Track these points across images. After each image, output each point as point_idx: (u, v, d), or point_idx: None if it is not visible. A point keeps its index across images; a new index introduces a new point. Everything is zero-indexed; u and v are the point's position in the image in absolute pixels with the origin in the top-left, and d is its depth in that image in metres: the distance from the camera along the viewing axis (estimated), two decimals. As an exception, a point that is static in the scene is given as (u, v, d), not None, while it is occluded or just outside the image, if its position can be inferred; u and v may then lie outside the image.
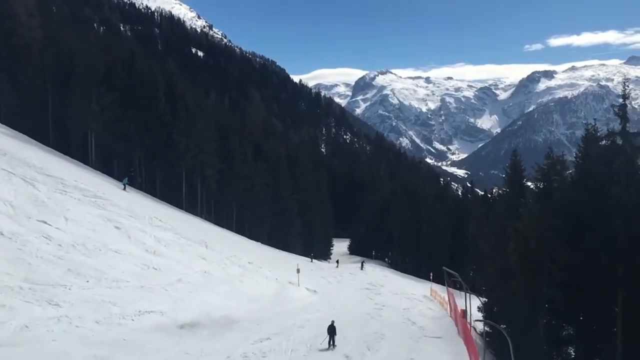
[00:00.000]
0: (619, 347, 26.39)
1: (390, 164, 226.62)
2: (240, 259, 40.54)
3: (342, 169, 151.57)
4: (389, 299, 43.17)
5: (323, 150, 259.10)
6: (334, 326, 24.87)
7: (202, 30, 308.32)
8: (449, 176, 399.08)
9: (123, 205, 37.62)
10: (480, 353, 33.30)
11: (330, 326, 24.86)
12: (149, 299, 25.62)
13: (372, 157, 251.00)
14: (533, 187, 30.10)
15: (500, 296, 31.46)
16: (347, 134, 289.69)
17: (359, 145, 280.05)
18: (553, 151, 29.62)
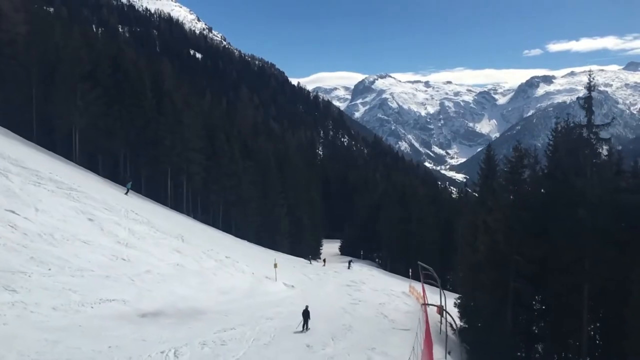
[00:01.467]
0: (585, 338, 26.37)
1: (387, 167, 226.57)
2: (217, 253, 40.50)
3: (336, 171, 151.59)
4: (368, 295, 43.14)
5: (320, 152, 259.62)
6: (307, 310, 26.48)
7: (201, 32, 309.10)
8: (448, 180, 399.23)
9: (99, 198, 37.58)
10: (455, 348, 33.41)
11: (305, 311, 26.44)
12: (112, 288, 25.54)
13: (369, 160, 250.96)
14: (502, 180, 30.08)
15: (470, 289, 31.42)
16: (344, 137, 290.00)
17: (356, 148, 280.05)
18: (521, 144, 29.56)
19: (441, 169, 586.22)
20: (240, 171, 66.93)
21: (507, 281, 28.09)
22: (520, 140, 35.08)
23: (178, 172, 61.18)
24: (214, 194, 65.39)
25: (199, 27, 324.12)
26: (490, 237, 28.55)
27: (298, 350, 23.12)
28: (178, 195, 63.38)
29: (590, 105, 26.37)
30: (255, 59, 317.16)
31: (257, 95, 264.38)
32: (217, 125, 69.02)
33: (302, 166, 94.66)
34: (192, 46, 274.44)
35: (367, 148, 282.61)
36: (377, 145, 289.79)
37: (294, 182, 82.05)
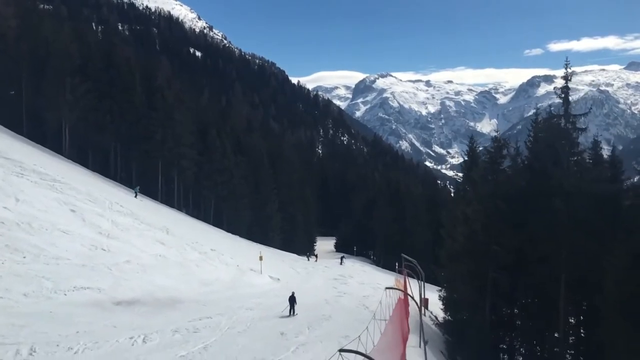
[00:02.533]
0: (563, 328, 26.33)
1: (387, 167, 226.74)
2: (202, 245, 40.49)
3: (334, 170, 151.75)
4: (353, 288, 43.13)
5: (320, 151, 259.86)
6: (294, 297, 27.51)
7: (202, 31, 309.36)
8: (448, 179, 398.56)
9: (83, 190, 37.61)
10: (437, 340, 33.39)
11: (291, 297, 27.45)
12: (88, 277, 25.52)
13: (369, 159, 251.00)
14: (481, 171, 30.03)
15: (451, 281, 31.42)
16: (344, 136, 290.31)
17: (356, 147, 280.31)
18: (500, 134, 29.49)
19: (442, 169, 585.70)
20: (232, 167, 66.96)
21: (485, 272, 28.03)
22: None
23: (169, 167, 61.22)
24: (206, 189, 65.45)
25: (199, 25, 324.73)
26: (469, 227, 28.50)
27: (271, 338, 23.09)
28: (170, 191, 63.42)
29: (567, 95, 26.33)
30: (256, 58, 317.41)
31: (257, 95, 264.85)
32: (209, 121, 69.03)
33: (297, 163, 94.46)
34: (192, 44, 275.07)
35: (367, 147, 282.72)
36: (377, 144, 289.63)
37: (287, 179, 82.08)
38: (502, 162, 28.84)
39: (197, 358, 18.59)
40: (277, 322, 26.35)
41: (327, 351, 20.78)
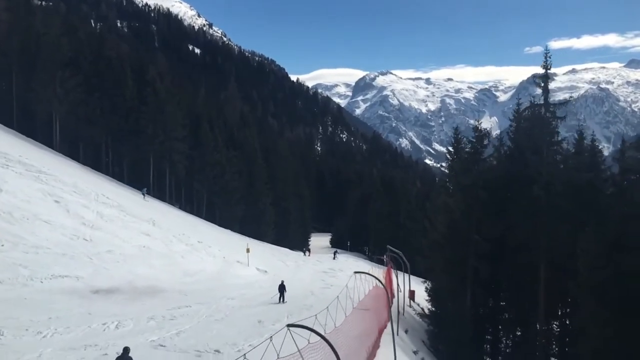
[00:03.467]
0: (542, 314, 26.33)
1: (386, 164, 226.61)
2: (189, 237, 40.50)
3: (332, 166, 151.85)
4: (342, 280, 42.80)
5: (318, 148, 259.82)
6: (283, 285, 28.44)
7: (201, 28, 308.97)
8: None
9: (69, 182, 37.66)
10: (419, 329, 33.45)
11: (281, 285, 28.35)
12: (66, 265, 25.56)
13: (368, 157, 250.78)
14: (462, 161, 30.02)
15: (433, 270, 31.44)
16: (343, 133, 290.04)
17: (355, 144, 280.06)
18: (481, 124, 29.48)
19: (442, 166, 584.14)
20: (224, 161, 66.87)
21: (466, 260, 28.05)
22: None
23: (160, 161, 61.16)
24: (198, 183, 65.38)
25: (199, 22, 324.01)
26: (450, 216, 28.51)
27: (247, 325, 23.08)
28: (162, 185, 63.40)
29: (547, 84, 26.29)
30: (255, 55, 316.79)
31: (256, 91, 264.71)
32: (201, 114, 68.91)
33: (291, 158, 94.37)
34: (190, 42, 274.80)
35: (366, 144, 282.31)
36: (376, 141, 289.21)
37: (281, 174, 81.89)
38: (483, 151, 28.82)
39: (167, 342, 18.59)
40: (257, 311, 26.35)
41: (300, 337, 20.88)
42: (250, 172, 72.68)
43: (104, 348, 16.84)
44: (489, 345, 30.31)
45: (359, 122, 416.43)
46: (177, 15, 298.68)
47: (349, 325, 23.31)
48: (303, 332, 12.69)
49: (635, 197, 20.79)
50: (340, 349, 18.00)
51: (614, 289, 20.16)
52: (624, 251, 20.41)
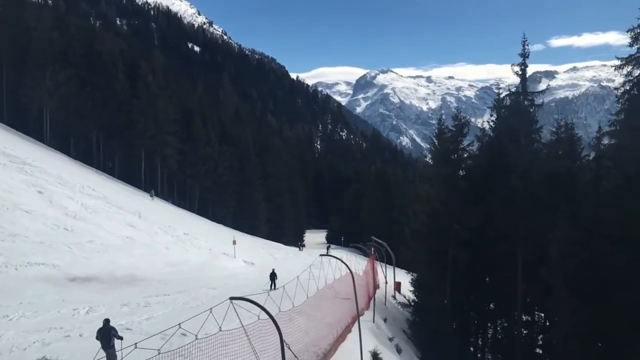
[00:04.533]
0: (520, 302, 26.30)
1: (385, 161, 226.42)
2: (175, 229, 40.47)
3: (329, 164, 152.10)
4: (328, 272, 43.00)
5: (318, 146, 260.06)
6: (274, 273, 29.38)
7: (201, 26, 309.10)
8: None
9: (54, 173, 37.62)
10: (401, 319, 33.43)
11: (272, 273, 29.24)
12: (44, 254, 25.49)
13: (368, 154, 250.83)
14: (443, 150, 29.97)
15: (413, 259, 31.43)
16: (343, 131, 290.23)
17: (355, 142, 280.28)
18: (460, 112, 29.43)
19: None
20: (216, 155, 66.90)
21: (446, 250, 28.01)
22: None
23: (152, 155, 61.17)
24: (190, 177, 65.44)
25: (199, 21, 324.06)
26: (431, 206, 28.47)
27: (222, 312, 23.03)
28: (154, 179, 63.41)
29: (525, 73, 26.23)
30: (255, 54, 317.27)
31: (255, 89, 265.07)
32: (194, 109, 68.91)
33: (285, 154, 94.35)
34: (190, 39, 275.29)
35: (366, 142, 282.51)
36: (376, 139, 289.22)
37: (275, 170, 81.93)
38: (463, 140, 28.77)
39: (134, 326, 18.56)
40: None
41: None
42: (244, 168, 72.74)
43: (68, 331, 16.82)
44: (474, 335, 30.26)
45: (359, 120, 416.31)
46: (177, 13, 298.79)
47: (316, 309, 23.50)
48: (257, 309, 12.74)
49: (608, 185, 20.72)
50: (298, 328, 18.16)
51: (585, 276, 20.12)
52: (596, 238, 20.36)
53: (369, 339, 21.41)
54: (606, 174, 21.84)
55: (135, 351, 9.19)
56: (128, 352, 9.13)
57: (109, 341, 12.14)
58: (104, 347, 12.09)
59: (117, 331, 12.57)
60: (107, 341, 12.13)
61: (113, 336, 12.22)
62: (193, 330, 10.61)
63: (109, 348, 12.11)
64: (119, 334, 12.50)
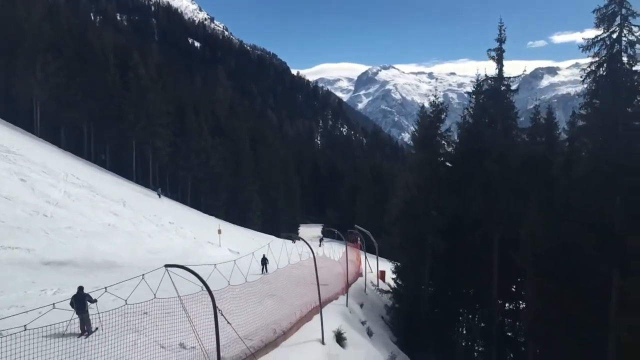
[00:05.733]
0: (495, 290, 26.28)
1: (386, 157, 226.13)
2: (160, 218, 40.48)
3: (327, 159, 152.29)
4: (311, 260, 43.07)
5: (318, 142, 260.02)
6: (265, 258, 30.16)
7: (202, 22, 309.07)
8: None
9: (38, 162, 37.64)
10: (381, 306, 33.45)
11: (263, 258, 30.05)
12: (19, 238, 25.52)
13: (368, 150, 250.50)
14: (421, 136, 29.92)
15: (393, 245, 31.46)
16: (344, 127, 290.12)
17: (355, 138, 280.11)
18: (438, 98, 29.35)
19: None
20: (209, 148, 66.91)
21: (424, 236, 27.98)
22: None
23: (143, 147, 61.21)
24: (182, 169, 65.47)
25: (200, 17, 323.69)
26: (409, 192, 28.44)
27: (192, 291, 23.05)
28: (145, 171, 63.48)
29: (501, 57, 26.13)
30: (257, 50, 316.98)
31: (255, 85, 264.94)
32: (187, 102, 68.89)
33: (281, 149, 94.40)
34: (190, 35, 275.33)
35: (367, 138, 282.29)
36: (376, 135, 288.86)
37: (269, 163, 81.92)
38: (440, 126, 28.71)
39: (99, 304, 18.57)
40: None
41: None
42: (237, 161, 72.73)
43: (28, 309, 16.81)
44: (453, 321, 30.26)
45: (360, 117, 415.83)
46: (177, 9, 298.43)
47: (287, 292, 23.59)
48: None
49: (578, 168, 20.66)
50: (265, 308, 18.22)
51: (554, 259, 20.09)
52: (566, 222, 20.31)
53: (338, 321, 21.40)
54: (577, 157, 21.77)
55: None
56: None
57: (84, 307, 12.99)
58: (78, 312, 12.94)
59: (90, 297, 13.21)
60: (82, 307, 12.96)
61: (87, 301, 13.03)
62: (125, 297, 10.69)
63: (83, 313, 13.02)
64: (92, 298, 13.11)
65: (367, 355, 19.81)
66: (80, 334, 13.13)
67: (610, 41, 19.08)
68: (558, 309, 19.89)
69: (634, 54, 18.74)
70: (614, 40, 18.99)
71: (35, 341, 9.38)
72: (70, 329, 13.05)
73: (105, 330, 12.66)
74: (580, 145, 22.08)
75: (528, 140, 27.64)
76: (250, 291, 19.42)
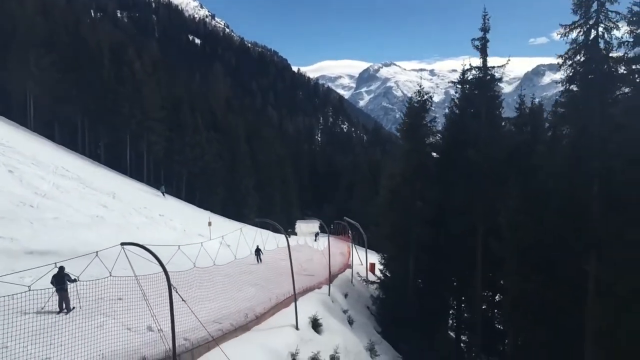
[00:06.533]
0: (479, 280, 26.25)
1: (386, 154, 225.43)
2: (150, 211, 40.49)
3: (327, 155, 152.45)
4: (303, 254, 43.13)
5: (319, 139, 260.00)
6: (259, 249, 30.29)
7: (203, 19, 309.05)
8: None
9: (28, 154, 37.70)
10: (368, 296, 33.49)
11: (257, 249, 30.17)
12: (4, 227, 25.44)
13: (368, 147, 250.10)
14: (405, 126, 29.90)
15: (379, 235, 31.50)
16: (344, 124, 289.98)
17: (356, 135, 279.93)
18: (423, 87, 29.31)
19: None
20: (204, 142, 66.93)
21: (409, 226, 27.97)
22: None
23: (138, 141, 61.27)
24: (177, 164, 65.50)
25: (201, 14, 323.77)
26: (394, 182, 28.45)
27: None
28: (140, 165, 63.54)
29: (485, 47, 26.06)
30: (258, 47, 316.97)
31: (256, 82, 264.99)
32: (182, 97, 68.88)
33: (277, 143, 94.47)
34: (191, 32, 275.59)
35: (367, 135, 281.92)
36: (377, 132, 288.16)
37: (266, 159, 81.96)
38: (426, 115, 28.68)
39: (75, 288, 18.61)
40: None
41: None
42: (233, 156, 72.75)
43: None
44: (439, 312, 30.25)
45: (362, 114, 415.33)
46: (178, 6, 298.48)
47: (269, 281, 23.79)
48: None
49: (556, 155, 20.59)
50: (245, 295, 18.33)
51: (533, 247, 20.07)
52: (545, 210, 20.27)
53: (317, 309, 21.40)
54: (558, 145, 21.70)
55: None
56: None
57: (63, 285, 13.92)
58: (58, 290, 13.89)
59: (70, 276, 14.01)
60: (62, 284, 13.89)
61: (67, 280, 13.93)
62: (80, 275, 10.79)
63: (63, 291, 13.99)
64: (71, 277, 13.88)
65: (344, 341, 19.82)
66: (58, 311, 13.89)
67: (587, 27, 19.03)
68: (537, 297, 19.87)
69: (610, 39, 18.71)
70: (591, 26, 18.94)
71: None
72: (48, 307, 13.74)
73: (78, 311, 13.85)
74: (560, 133, 22.04)
75: (515, 130, 27.59)
76: (222, 275, 19.65)
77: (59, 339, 11.70)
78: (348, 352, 19.34)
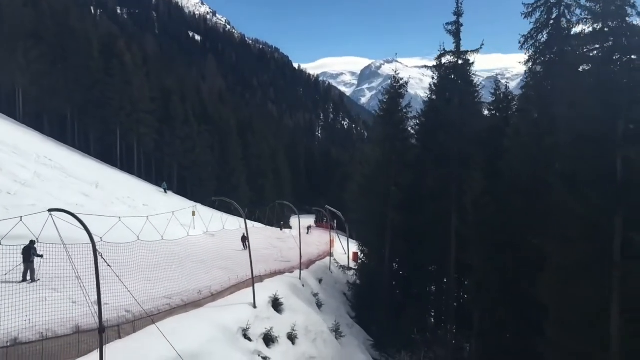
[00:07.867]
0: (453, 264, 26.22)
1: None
2: (134, 200, 40.49)
3: (325, 150, 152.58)
4: (289, 244, 43.09)
5: (319, 135, 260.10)
6: (245, 235, 28.31)
7: (202, 15, 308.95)
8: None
9: (9, 143, 37.70)
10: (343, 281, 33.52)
11: (243, 236, 29.63)
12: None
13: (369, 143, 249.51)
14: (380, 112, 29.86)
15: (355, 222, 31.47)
16: (345, 120, 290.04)
17: (357, 131, 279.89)
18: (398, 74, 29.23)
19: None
20: (195, 135, 66.89)
21: (383, 211, 27.93)
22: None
23: (128, 134, 61.27)
24: (167, 156, 65.49)
25: (202, 10, 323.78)
26: (368, 167, 28.43)
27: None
28: (130, 158, 63.56)
29: (459, 31, 25.95)
30: (259, 43, 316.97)
31: (256, 78, 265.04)
32: (172, 89, 68.81)
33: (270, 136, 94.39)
34: (191, 29, 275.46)
35: (368, 132, 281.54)
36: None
37: (258, 151, 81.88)
38: (401, 101, 28.61)
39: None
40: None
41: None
42: (225, 148, 72.70)
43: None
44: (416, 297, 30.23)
45: (363, 110, 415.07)
46: (179, 2, 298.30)
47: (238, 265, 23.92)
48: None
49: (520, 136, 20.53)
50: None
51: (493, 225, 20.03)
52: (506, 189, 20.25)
53: (282, 290, 21.35)
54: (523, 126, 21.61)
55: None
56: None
57: (29, 257, 14.77)
58: (25, 261, 14.74)
59: (36, 251, 14.68)
60: (28, 257, 14.73)
61: (33, 254, 14.74)
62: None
63: (29, 263, 14.84)
64: (38, 253, 14.52)
65: (306, 321, 19.79)
66: (22, 280, 14.73)
67: (549, 5, 18.92)
68: (497, 272, 19.85)
69: (571, 18, 18.61)
70: (553, 5, 18.83)
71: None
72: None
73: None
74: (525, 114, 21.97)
75: (490, 114, 27.52)
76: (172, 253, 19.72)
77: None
78: (309, 331, 19.32)
